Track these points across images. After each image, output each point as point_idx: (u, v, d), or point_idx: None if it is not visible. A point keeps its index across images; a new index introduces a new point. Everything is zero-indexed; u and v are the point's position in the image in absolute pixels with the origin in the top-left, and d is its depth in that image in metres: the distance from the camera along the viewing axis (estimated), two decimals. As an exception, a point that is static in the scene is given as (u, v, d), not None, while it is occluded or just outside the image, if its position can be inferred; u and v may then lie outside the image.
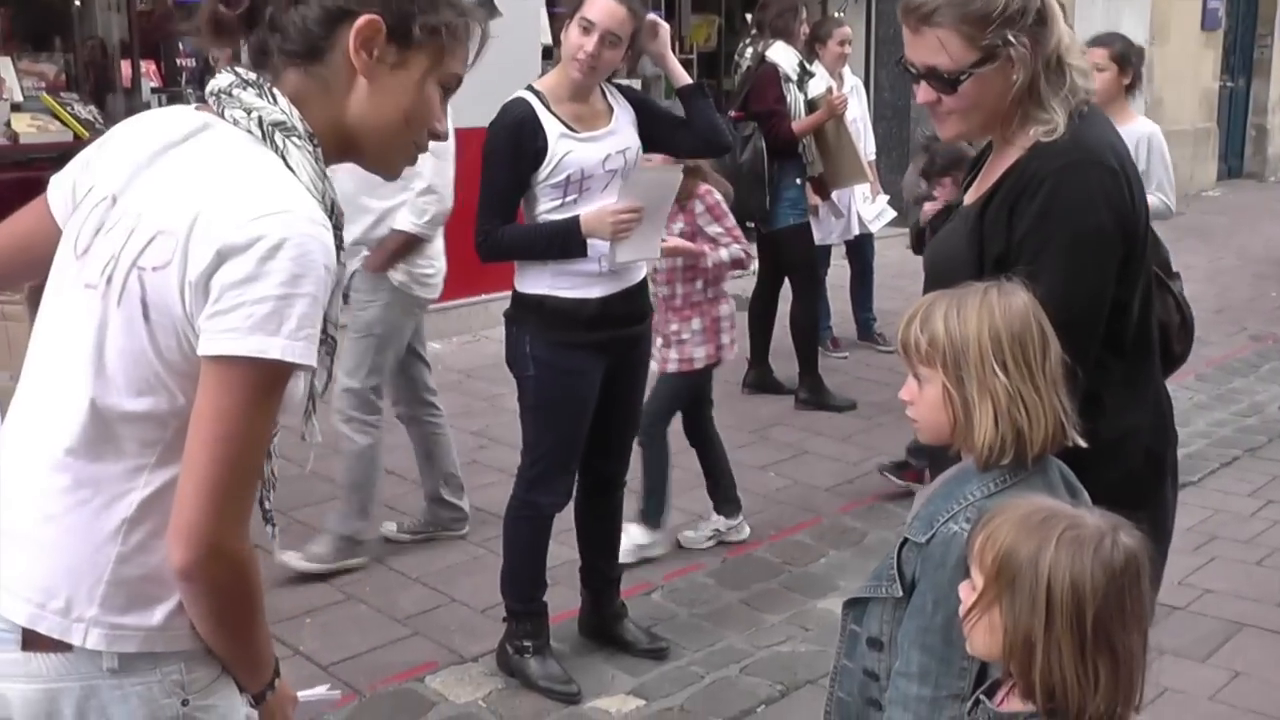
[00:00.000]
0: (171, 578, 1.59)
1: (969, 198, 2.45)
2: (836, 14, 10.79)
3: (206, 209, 1.56)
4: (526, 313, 3.79)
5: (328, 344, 1.68)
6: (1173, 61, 14.63)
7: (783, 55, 6.54)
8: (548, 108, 3.70)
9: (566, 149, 3.67)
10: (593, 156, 3.71)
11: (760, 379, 6.94)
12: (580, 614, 4.28)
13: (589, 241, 3.68)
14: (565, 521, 4.04)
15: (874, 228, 7.43)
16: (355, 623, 4.39)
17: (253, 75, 1.68)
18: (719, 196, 4.80)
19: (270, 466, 1.78)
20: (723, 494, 4.99)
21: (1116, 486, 2.18)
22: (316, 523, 4.82)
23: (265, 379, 1.55)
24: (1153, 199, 4.60)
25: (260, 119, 1.65)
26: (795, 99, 6.46)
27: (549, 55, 9.07)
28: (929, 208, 5.16)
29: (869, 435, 6.35)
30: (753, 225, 6.45)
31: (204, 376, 1.55)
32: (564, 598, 4.25)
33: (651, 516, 4.83)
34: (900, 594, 2.08)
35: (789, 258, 6.65)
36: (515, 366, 3.85)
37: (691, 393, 4.91)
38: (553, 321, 3.76)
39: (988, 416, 2.00)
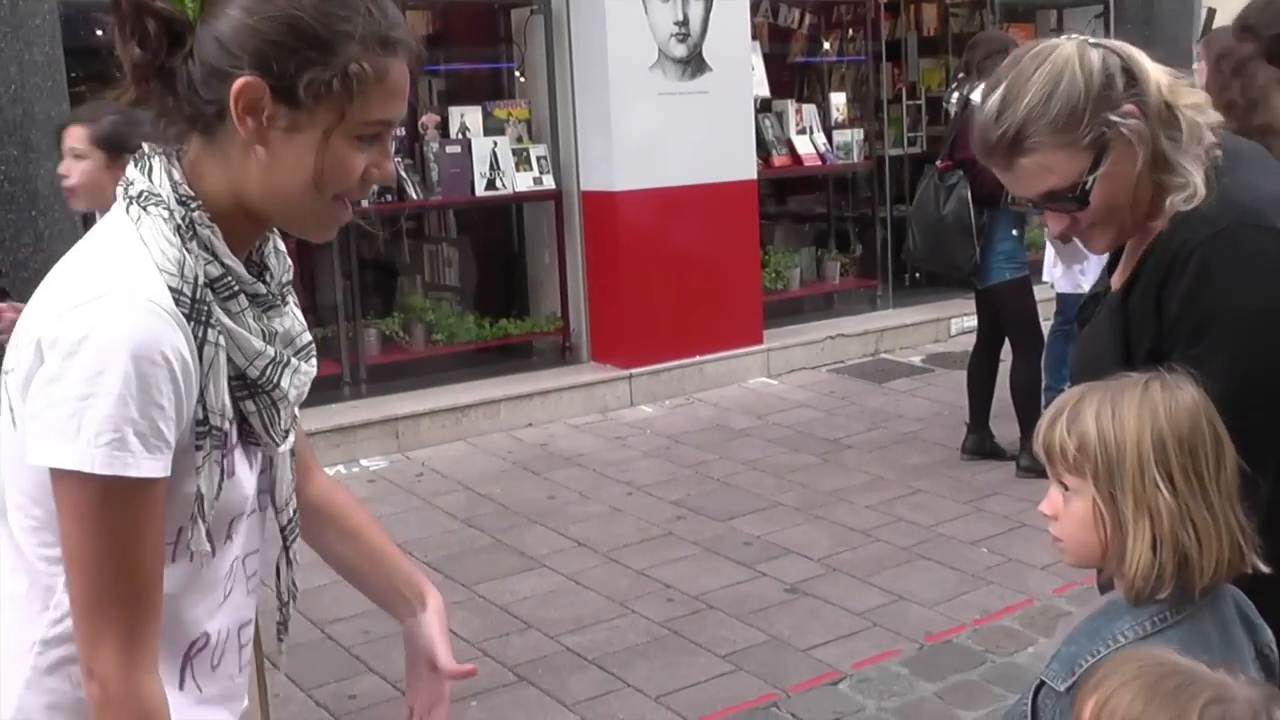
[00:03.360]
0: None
1: (1115, 283, 2.08)
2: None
3: (36, 302, 1.43)
4: None
5: (214, 437, 1.45)
6: None
7: (992, 98, 6.11)
8: None
9: None
10: None
11: (979, 444, 6.48)
12: None
13: None
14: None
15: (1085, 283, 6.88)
16: (522, 707, 4.19)
17: (156, 146, 1.49)
18: None
19: (291, 575, 1.69)
20: None
21: (1307, 620, 1.81)
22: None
23: (87, 492, 1.36)
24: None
25: (127, 192, 1.47)
26: (1007, 144, 6.02)
27: (766, 108, 8.82)
28: None
29: (1097, 506, 5.79)
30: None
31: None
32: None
33: None
34: (1034, 748, 1.73)
35: (1007, 314, 6.19)
36: None
37: None
38: None
39: (1143, 540, 1.63)
